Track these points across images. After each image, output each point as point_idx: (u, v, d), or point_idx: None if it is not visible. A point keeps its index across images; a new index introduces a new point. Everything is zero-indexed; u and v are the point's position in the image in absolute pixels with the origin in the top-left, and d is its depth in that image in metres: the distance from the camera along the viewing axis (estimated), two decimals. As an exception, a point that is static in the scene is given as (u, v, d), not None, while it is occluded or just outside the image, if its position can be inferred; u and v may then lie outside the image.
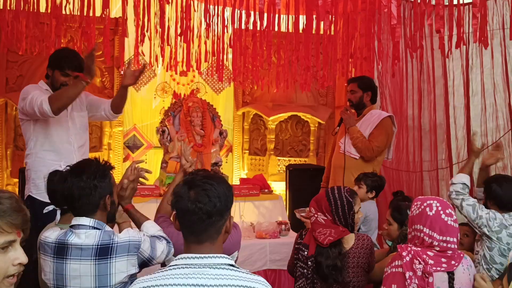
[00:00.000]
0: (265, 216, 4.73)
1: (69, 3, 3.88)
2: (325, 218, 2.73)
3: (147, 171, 2.69)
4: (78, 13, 3.90)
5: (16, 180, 4.71)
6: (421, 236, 2.33)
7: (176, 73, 5.19)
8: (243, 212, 4.64)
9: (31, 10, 3.90)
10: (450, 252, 2.30)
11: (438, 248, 2.31)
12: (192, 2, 4.12)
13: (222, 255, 1.69)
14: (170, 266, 1.67)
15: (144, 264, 2.26)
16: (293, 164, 5.53)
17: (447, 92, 4.79)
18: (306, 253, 2.73)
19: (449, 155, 4.80)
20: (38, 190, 3.23)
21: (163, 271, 1.66)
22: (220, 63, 4.66)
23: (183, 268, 1.64)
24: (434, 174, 4.99)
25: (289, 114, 5.69)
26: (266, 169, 5.68)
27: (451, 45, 3.53)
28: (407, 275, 2.22)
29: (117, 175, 5.27)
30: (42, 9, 4.00)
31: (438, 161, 4.84)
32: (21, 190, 4.29)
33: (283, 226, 4.42)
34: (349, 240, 2.74)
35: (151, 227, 2.43)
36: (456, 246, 2.32)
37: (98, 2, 3.99)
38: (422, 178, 5.05)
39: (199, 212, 1.67)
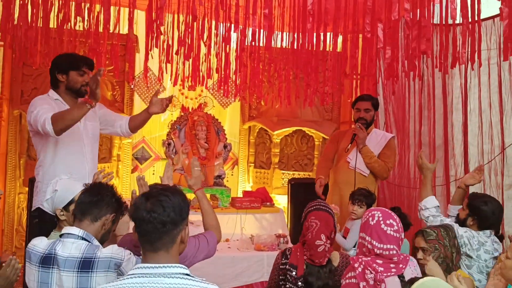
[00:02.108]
0: (266, 228, 4.79)
1: (80, 21, 4.04)
2: (330, 245, 2.76)
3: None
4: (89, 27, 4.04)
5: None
6: (365, 244, 2.49)
7: (184, 88, 5.35)
8: (245, 224, 4.71)
9: (40, 26, 3.96)
10: (395, 258, 2.45)
11: (383, 257, 2.44)
12: (199, 21, 4.26)
13: (178, 264, 1.77)
14: (128, 275, 1.76)
15: None
16: (296, 178, 5.60)
17: (446, 110, 4.83)
18: (294, 273, 2.75)
19: (446, 172, 4.83)
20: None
21: (120, 280, 1.75)
22: (226, 79, 4.79)
23: (139, 277, 1.73)
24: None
25: (294, 128, 5.78)
26: (270, 182, 5.77)
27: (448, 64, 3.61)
28: (361, 285, 2.36)
29: (125, 186, 5.43)
30: (54, 24, 4.07)
31: (436, 178, 4.86)
32: (29, 199, 4.46)
33: (281, 239, 4.46)
34: (336, 257, 2.80)
35: None
36: (396, 253, 2.45)
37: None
38: (422, 194, 5.05)
39: (153, 221, 1.77)
